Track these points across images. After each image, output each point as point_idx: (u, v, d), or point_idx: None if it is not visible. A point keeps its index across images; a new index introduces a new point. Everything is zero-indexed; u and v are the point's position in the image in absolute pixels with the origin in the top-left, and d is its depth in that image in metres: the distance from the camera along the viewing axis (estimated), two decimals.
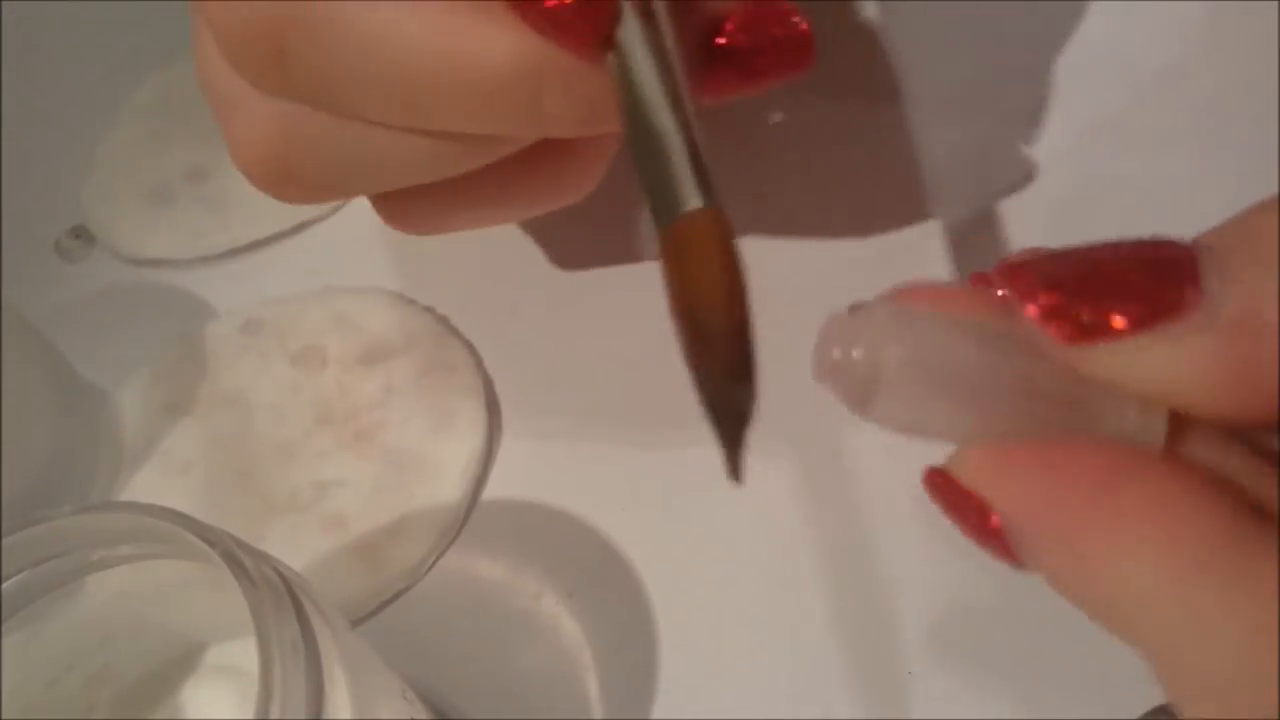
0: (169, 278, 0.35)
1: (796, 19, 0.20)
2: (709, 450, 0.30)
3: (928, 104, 0.34)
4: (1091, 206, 0.31)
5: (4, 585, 0.19)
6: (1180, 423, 0.14)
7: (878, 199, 0.32)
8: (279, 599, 0.17)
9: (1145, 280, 0.13)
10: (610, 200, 0.33)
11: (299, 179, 0.22)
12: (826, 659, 0.25)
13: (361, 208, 0.35)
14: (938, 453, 0.27)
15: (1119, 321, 0.13)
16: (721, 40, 0.20)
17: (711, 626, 0.26)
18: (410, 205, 0.24)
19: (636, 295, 0.31)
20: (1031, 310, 0.13)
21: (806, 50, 0.20)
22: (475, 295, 0.32)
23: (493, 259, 0.33)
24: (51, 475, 0.29)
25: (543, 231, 0.33)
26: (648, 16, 0.18)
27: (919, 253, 0.31)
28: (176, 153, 0.36)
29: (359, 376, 0.30)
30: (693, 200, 0.16)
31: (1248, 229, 0.13)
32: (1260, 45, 0.33)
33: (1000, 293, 0.14)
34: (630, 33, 0.18)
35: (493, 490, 0.29)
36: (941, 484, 0.14)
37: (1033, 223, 0.31)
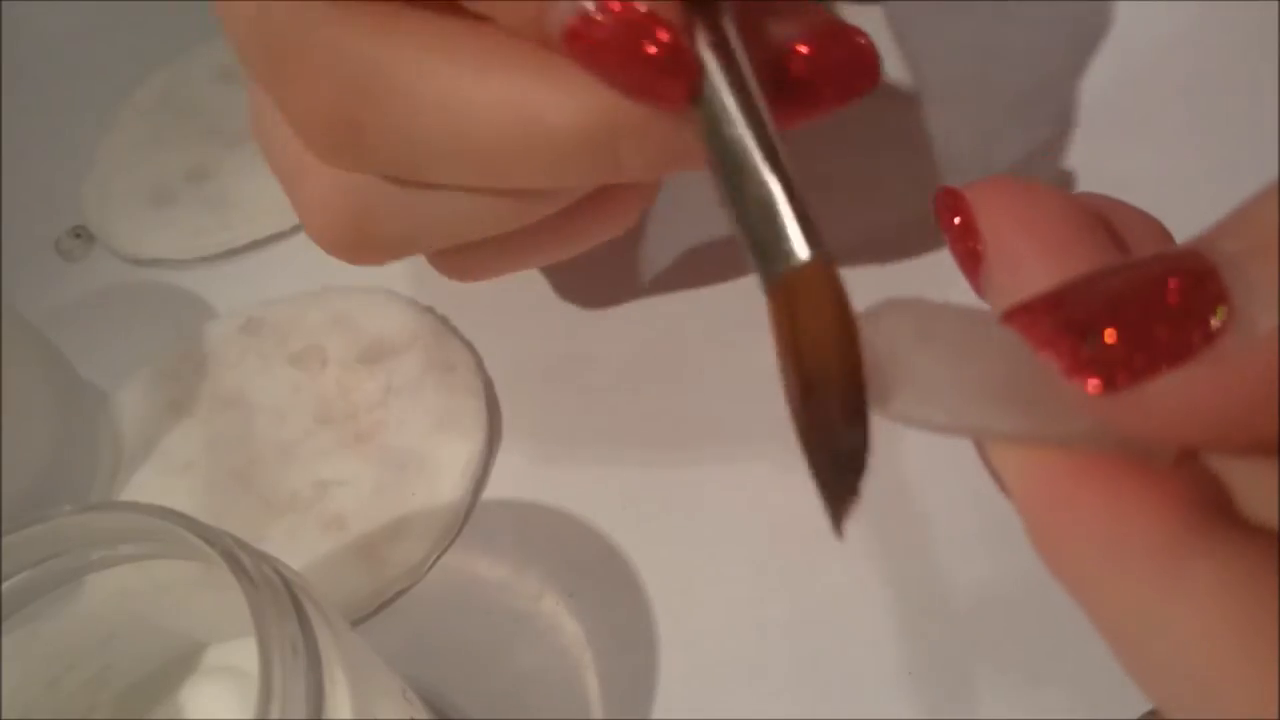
0: (169, 278, 0.35)
1: (862, 40, 0.20)
2: (709, 451, 0.30)
3: (934, 101, 0.34)
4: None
5: (4, 585, 0.19)
6: None
7: (886, 197, 0.32)
8: (279, 599, 0.17)
9: (1172, 307, 0.12)
10: None
11: (374, 244, 0.22)
12: (826, 659, 0.25)
13: None
14: (934, 464, 0.27)
15: (1150, 360, 0.12)
16: (795, 74, 0.20)
17: (711, 626, 0.26)
18: (468, 257, 0.24)
19: (637, 295, 0.31)
20: (1055, 361, 0.12)
21: (873, 70, 0.20)
22: (475, 295, 0.32)
23: None
24: (51, 475, 0.29)
25: None
26: (728, 60, 0.18)
27: (929, 250, 0.31)
28: (176, 153, 0.36)
29: (359, 376, 0.30)
30: (801, 250, 0.16)
31: (1262, 226, 0.12)
32: (1266, 42, 0.33)
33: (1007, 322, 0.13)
34: (715, 81, 0.17)
35: (493, 490, 0.29)
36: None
37: None
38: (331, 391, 0.30)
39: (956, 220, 0.15)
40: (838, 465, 0.15)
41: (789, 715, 0.25)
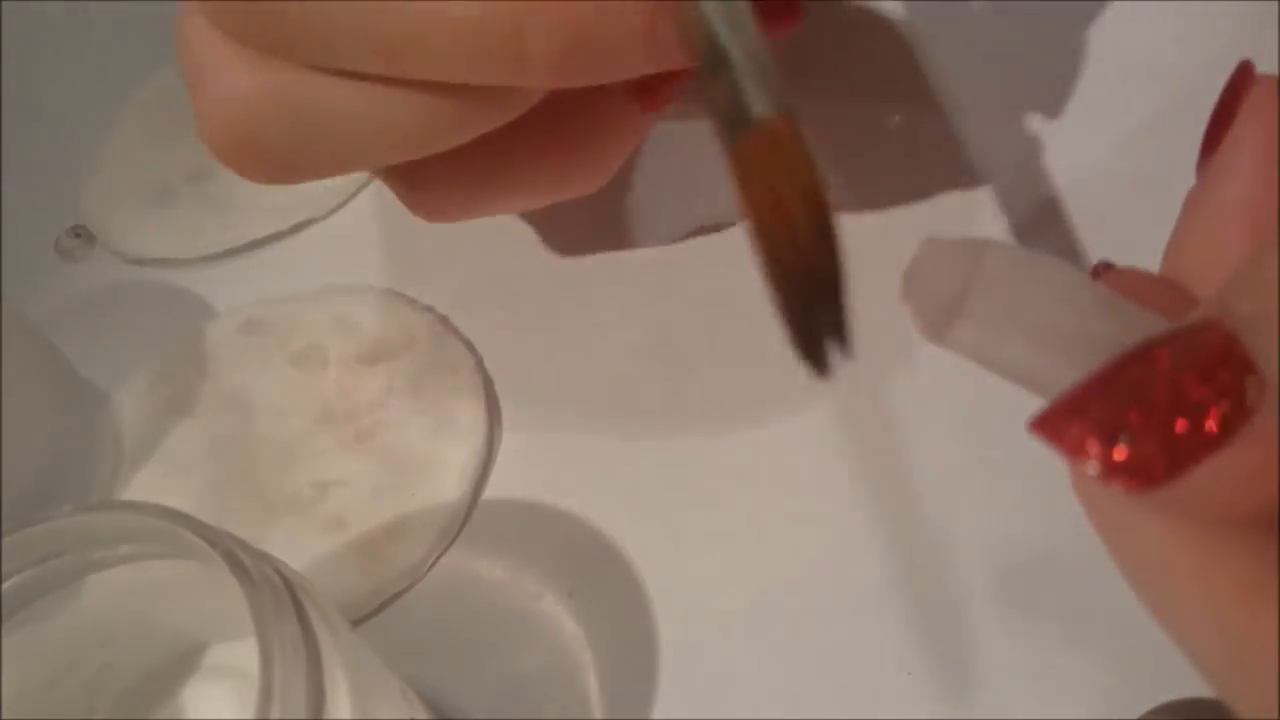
0: (169, 278, 0.35)
1: None
2: (709, 450, 0.30)
3: (978, 109, 0.33)
4: (1140, 208, 0.30)
5: (4, 585, 0.19)
6: None
7: (921, 205, 0.32)
8: (279, 599, 0.17)
9: (1203, 392, 0.11)
10: (612, 199, 0.33)
11: (266, 155, 0.21)
12: (826, 659, 0.25)
13: (361, 207, 0.35)
14: (936, 465, 0.27)
15: (1188, 451, 0.11)
16: None
17: (711, 626, 0.26)
18: (429, 192, 0.24)
19: (638, 294, 0.31)
20: (1091, 468, 0.12)
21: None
22: (475, 295, 0.32)
23: (493, 258, 0.33)
24: (51, 475, 0.29)
25: (543, 230, 0.33)
26: None
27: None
28: (176, 153, 0.36)
29: (359, 376, 0.30)
30: (763, 108, 0.16)
31: (1273, 283, 0.12)
32: (1266, 42, 0.33)
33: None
34: None
35: (493, 490, 0.29)
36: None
37: (1080, 227, 0.30)
38: (331, 391, 0.30)
39: (1227, 99, 0.15)
40: (810, 296, 0.15)
41: (789, 715, 0.25)
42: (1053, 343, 0.13)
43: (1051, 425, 0.12)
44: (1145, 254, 0.18)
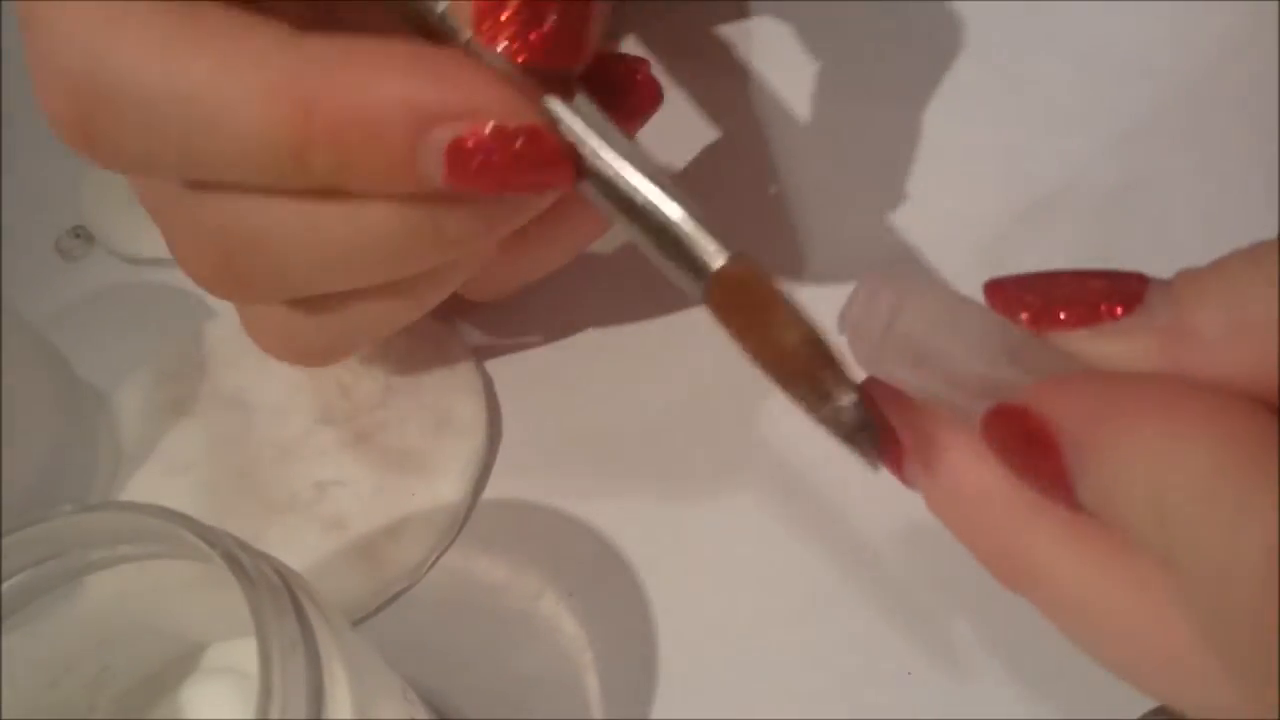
0: (169, 278, 0.35)
1: (638, 64, 0.22)
2: (709, 450, 0.30)
3: (974, 109, 0.33)
4: (1132, 208, 0.31)
5: (4, 585, 0.19)
6: None
7: (914, 206, 0.32)
8: (279, 599, 0.17)
9: (1095, 292, 0.16)
10: None
11: (317, 355, 0.26)
12: (826, 659, 0.25)
13: None
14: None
15: (1064, 317, 0.16)
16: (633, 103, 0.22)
17: (711, 626, 0.26)
18: (481, 285, 0.28)
19: (638, 293, 0.31)
20: (1009, 308, 0.16)
21: (657, 88, 0.23)
22: None
23: None
24: (51, 475, 0.29)
25: None
26: (591, 122, 0.19)
27: (947, 260, 0.31)
28: None
29: (359, 376, 0.30)
30: (718, 257, 0.18)
31: (1211, 268, 0.15)
32: (1266, 42, 0.33)
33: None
34: (590, 148, 0.19)
35: (493, 490, 0.29)
36: (998, 420, 0.15)
37: (1075, 226, 0.30)
38: (331, 391, 0.30)
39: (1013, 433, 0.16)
40: (846, 421, 0.17)
41: (789, 715, 0.25)
42: (964, 373, 0.15)
43: (1000, 292, 0.16)
44: (1137, 253, 0.18)
